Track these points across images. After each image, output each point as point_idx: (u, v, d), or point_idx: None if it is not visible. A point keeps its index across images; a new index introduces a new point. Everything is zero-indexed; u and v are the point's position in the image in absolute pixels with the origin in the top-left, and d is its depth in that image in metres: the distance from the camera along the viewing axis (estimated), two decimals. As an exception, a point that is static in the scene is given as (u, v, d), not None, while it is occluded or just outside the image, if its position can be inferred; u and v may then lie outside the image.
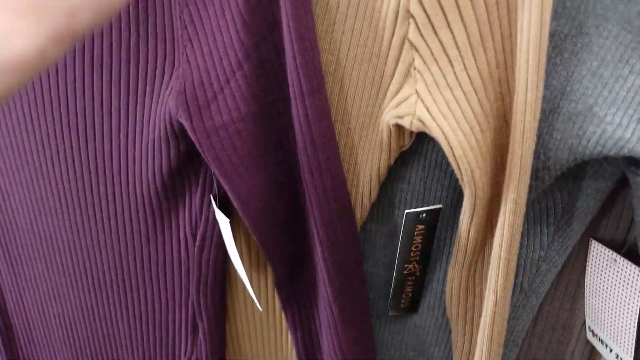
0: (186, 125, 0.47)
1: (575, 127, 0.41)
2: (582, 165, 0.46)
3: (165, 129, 0.52)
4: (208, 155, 0.47)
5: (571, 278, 0.54)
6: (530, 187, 0.42)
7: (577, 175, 0.46)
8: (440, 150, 0.47)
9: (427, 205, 0.50)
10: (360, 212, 0.50)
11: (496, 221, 0.43)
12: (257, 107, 0.46)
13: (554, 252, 0.50)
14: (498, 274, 0.42)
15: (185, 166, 0.55)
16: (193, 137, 0.46)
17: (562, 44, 0.41)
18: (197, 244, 0.60)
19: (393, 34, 0.42)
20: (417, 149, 0.48)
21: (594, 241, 0.52)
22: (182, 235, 0.61)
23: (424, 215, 0.49)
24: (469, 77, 0.40)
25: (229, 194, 0.49)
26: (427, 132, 0.42)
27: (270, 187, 0.49)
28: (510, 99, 0.41)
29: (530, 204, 0.47)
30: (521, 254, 0.49)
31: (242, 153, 0.47)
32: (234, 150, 0.47)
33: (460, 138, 0.41)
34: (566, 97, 0.41)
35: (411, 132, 0.45)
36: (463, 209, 0.43)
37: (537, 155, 0.43)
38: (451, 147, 0.41)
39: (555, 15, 0.39)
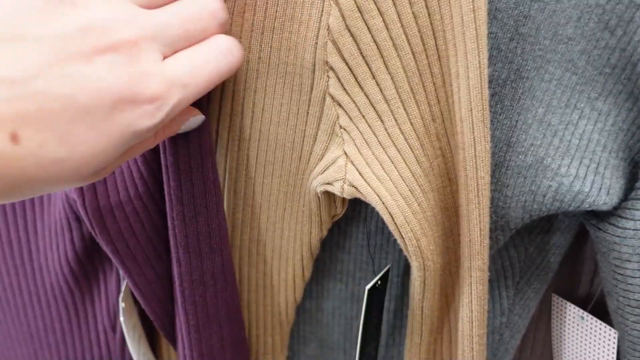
0: (78, 203, 0.40)
1: (527, 183, 0.36)
2: (536, 220, 0.41)
3: (65, 210, 0.46)
4: (101, 238, 0.40)
5: (536, 339, 0.49)
6: (484, 248, 0.37)
7: (532, 231, 0.42)
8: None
9: (373, 275, 0.44)
10: (294, 294, 0.44)
11: (452, 293, 0.38)
12: (155, 186, 0.40)
13: (516, 317, 0.44)
14: (473, 356, 0.37)
15: (94, 249, 0.49)
16: (85, 217, 0.40)
17: (501, 91, 0.36)
18: (117, 336, 0.54)
19: (312, 89, 0.36)
20: (353, 215, 0.42)
21: (557, 297, 0.47)
22: (100, 327, 0.55)
23: (379, 284, 0.43)
24: (402, 133, 0.35)
25: (129, 284, 0.42)
26: (362, 198, 0.36)
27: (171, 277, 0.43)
28: (451, 154, 0.36)
29: (485, 266, 0.41)
30: (480, 322, 0.43)
31: (141, 237, 0.40)
32: (131, 234, 0.40)
33: (400, 203, 0.35)
34: (513, 149, 0.36)
35: (343, 199, 0.39)
36: (412, 283, 0.38)
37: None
38: (391, 214, 0.35)
39: (490, 59, 0.35)
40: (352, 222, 0.43)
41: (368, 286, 0.42)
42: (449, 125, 0.35)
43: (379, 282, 0.42)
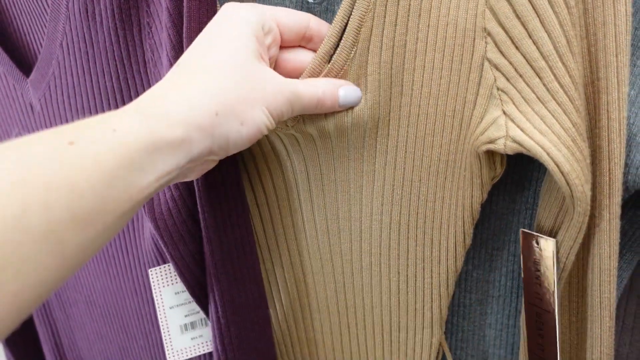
0: None
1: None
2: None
3: None
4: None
5: (627, 312, 0.49)
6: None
7: (625, 205, 0.43)
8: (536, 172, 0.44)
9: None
10: (455, 263, 0.46)
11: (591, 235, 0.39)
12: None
13: None
14: (610, 289, 0.38)
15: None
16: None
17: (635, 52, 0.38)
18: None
19: (472, 56, 0.40)
20: (507, 177, 0.44)
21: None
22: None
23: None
24: (562, 87, 0.37)
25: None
26: (525, 152, 0.38)
27: None
28: (593, 99, 0.38)
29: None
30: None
31: (177, 219, 0.48)
32: (169, 215, 0.48)
33: (564, 152, 0.37)
34: None
35: (502, 159, 0.42)
36: (566, 227, 0.39)
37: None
38: (557, 164, 0.37)
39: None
40: (509, 183, 0.45)
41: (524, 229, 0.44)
42: (587, 74, 0.37)
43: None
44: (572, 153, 0.37)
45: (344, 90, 0.42)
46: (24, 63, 0.53)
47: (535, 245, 0.43)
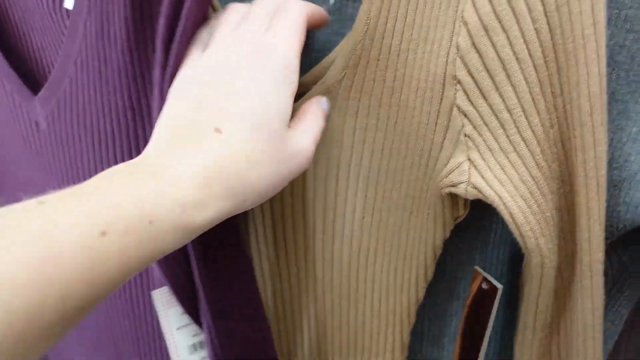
0: None
1: (621, 194, 0.39)
2: (630, 230, 0.42)
3: None
4: None
5: (628, 347, 0.49)
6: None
7: (626, 240, 0.43)
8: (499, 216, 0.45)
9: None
10: (417, 294, 0.47)
11: (562, 290, 0.40)
12: None
13: (609, 323, 0.45)
14: (594, 345, 0.39)
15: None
16: None
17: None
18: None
19: (441, 101, 0.41)
20: (472, 216, 0.46)
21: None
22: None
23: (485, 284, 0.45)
24: (524, 140, 0.38)
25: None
26: (484, 199, 0.40)
27: None
28: (565, 158, 0.39)
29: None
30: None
31: None
32: None
33: (520, 204, 0.38)
34: (609, 164, 0.39)
35: (465, 202, 0.43)
36: (527, 280, 0.40)
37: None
38: (511, 214, 0.38)
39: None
40: (470, 222, 0.46)
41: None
42: (564, 131, 0.38)
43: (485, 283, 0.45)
44: (528, 205, 0.38)
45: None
46: (31, 80, 0.53)
47: (484, 285, 0.45)
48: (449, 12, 0.39)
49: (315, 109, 0.41)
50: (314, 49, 0.48)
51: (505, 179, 0.39)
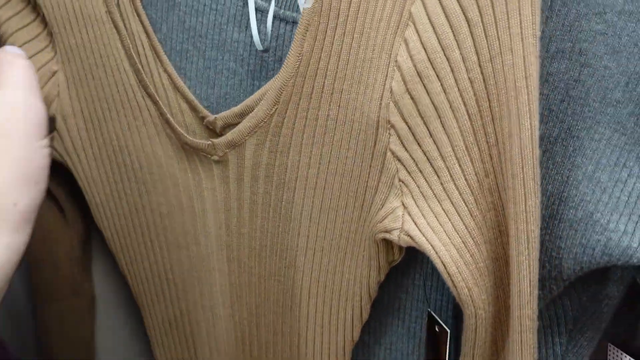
0: None
1: (578, 235, 0.38)
2: (589, 271, 0.42)
3: None
4: None
5: None
6: (538, 298, 0.39)
7: (586, 281, 0.43)
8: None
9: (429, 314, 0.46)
10: (352, 333, 0.46)
11: (502, 342, 0.39)
12: None
13: None
14: None
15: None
16: None
17: (552, 148, 0.38)
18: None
19: (375, 144, 0.40)
20: (410, 257, 0.45)
21: (613, 347, 0.48)
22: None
23: (437, 326, 0.45)
24: (457, 188, 0.38)
25: None
26: (417, 247, 0.39)
27: None
28: (502, 208, 0.38)
29: (539, 314, 0.43)
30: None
31: None
32: None
33: (452, 253, 0.38)
34: (565, 204, 0.38)
35: (400, 247, 0.42)
36: (464, 330, 0.40)
37: (542, 264, 0.39)
38: (444, 264, 0.38)
39: (542, 119, 0.37)
40: (409, 263, 0.45)
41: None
42: (500, 181, 0.38)
43: (437, 324, 0.45)
44: (461, 255, 0.38)
45: None
46: None
47: (436, 327, 0.44)
48: (383, 55, 0.38)
49: None
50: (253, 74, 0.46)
51: (438, 228, 0.38)
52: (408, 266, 0.46)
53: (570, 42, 0.37)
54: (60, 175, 0.61)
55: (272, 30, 0.44)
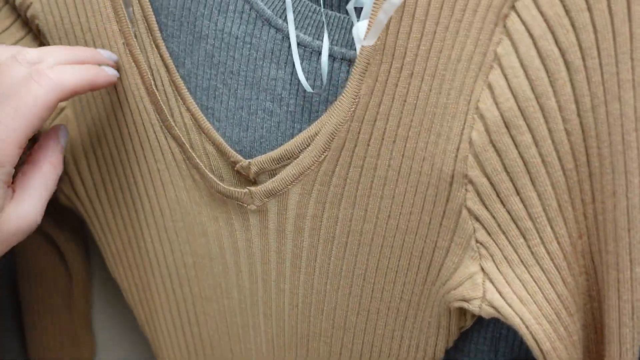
0: None
1: None
2: None
3: None
4: None
5: None
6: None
7: None
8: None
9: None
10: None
11: None
12: None
13: None
14: None
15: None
16: None
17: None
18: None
19: (447, 200, 0.35)
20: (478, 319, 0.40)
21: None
22: None
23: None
24: (549, 253, 0.33)
25: None
26: (502, 319, 0.34)
27: None
28: (594, 272, 0.34)
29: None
30: None
31: None
32: None
33: (545, 327, 0.33)
34: None
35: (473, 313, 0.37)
36: None
37: None
38: (536, 341, 0.33)
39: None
40: (473, 326, 0.41)
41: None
42: (594, 242, 0.33)
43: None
44: (554, 329, 0.33)
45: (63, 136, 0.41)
46: None
47: None
48: (461, 100, 0.33)
49: (44, 168, 0.39)
50: (295, 116, 0.41)
51: (527, 297, 0.33)
52: (472, 329, 0.41)
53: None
54: (62, 219, 0.56)
55: (316, 68, 0.39)
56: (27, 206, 0.37)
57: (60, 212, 0.54)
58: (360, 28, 0.34)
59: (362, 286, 0.40)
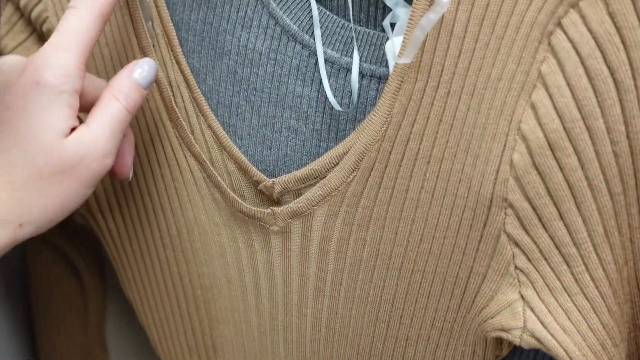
0: None
1: None
2: None
3: None
4: None
5: None
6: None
7: None
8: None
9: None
10: None
11: None
12: None
13: None
14: None
15: None
16: None
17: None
18: None
19: (485, 225, 0.33)
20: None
21: None
22: None
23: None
24: (593, 280, 0.31)
25: None
26: (544, 350, 0.32)
27: None
28: (639, 299, 0.32)
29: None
30: None
31: None
32: None
33: (590, 358, 0.31)
34: None
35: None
36: None
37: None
38: (581, 373, 0.31)
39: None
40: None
41: None
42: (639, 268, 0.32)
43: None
44: (599, 360, 0.31)
45: (137, 74, 0.38)
46: None
47: None
48: (501, 121, 0.31)
49: (106, 99, 0.37)
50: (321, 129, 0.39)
51: (571, 327, 0.32)
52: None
53: None
54: (77, 236, 0.55)
55: (344, 85, 0.38)
56: (91, 135, 0.36)
57: (75, 229, 0.53)
58: (395, 44, 0.33)
59: (390, 312, 0.39)
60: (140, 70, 0.38)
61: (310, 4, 0.38)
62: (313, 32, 0.38)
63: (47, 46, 0.36)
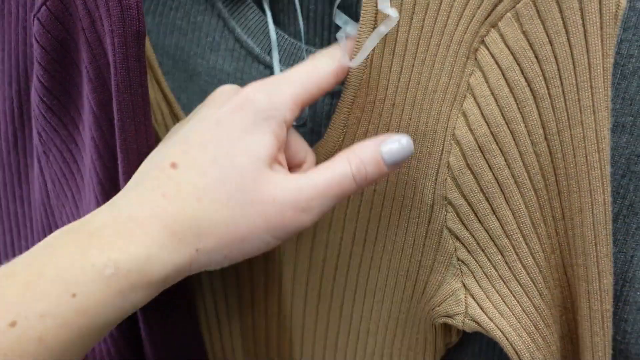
0: None
1: None
2: None
3: None
4: None
5: None
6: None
7: None
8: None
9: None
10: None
11: None
12: None
13: None
14: None
15: None
16: None
17: (614, 225, 0.36)
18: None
19: (429, 222, 0.37)
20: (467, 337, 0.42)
21: None
22: None
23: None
24: (525, 268, 0.35)
25: None
26: (484, 332, 0.36)
27: None
28: (567, 285, 0.36)
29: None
30: None
31: None
32: None
33: (524, 338, 0.35)
34: (630, 285, 0.36)
35: (458, 329, 0.39)
36: None
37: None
38: (516, 351, 0.35)
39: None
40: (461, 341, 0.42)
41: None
42: (566, 257, 0.35)
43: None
44: (533, 340, 0.35)
45: (387, 147, 0.34)
46: None
47: None
48: (438, 128, 0.35)
49: (338, 158, 0.34)
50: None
51: (507, 311, 0.35)
52: (462, 345, 0.43)
53: (631, 116, 0.35)
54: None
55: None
56: (298, 182, 0.32)
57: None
58: (348, 31, 0.36)
59: (353, 307, 0.42)
60: (392, 145, 0.34)
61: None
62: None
63: (276, 75, 0.35)
